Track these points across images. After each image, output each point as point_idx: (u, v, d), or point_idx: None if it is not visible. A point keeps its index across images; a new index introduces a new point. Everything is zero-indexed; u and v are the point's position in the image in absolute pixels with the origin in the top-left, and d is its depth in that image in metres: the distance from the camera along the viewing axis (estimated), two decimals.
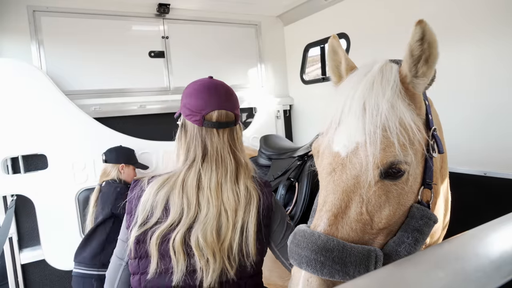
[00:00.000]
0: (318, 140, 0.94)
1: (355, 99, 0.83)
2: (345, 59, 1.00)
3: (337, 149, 0.84)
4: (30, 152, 2.42)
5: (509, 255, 0.52)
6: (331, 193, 0.81)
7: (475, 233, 0.62)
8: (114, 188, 2.36)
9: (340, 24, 3.00)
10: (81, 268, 2.26)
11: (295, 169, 1.71)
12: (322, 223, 0.79)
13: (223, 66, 3.50)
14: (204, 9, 3.30)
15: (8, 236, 2.34)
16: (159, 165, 2.90)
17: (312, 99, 3.57)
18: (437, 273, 0.48)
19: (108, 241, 2.30)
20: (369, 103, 0.81)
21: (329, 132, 0.87)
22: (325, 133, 0.89)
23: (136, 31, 3.07)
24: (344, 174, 0.81)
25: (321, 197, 0.85)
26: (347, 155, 0.82)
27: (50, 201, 2.45)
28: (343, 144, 0.83)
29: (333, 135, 0.86)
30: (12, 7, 2.56)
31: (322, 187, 0.87)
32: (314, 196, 1.54)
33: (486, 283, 0.46)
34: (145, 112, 3.04)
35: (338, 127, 0.85)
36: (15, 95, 2.33)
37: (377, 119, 0.79)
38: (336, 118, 0.86)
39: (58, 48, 2.73)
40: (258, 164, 2.14)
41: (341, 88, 0.92)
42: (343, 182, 0.81)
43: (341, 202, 0.79)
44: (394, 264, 0.55)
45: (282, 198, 1.64)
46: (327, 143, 0.87)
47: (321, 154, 0.90)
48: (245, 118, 3.67)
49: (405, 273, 0.51)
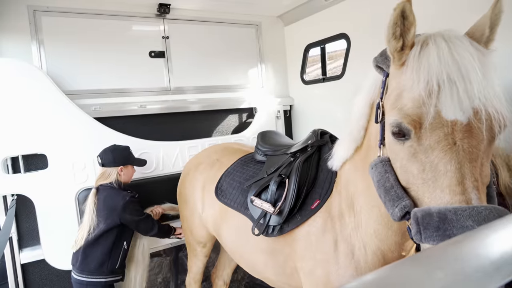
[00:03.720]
0: (411, 112, 0.88)
1: (457, 64, 0.84)
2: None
3: (453, 117, 0.84)
4: (30, 152, 2.42)
5: (510, 256, 0.52)
6: (467, 162, 0.83)
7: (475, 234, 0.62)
8: (122, 197, 2.31)
9: (340, 24, 3.00)
10: (84, 276, 2.25)
11: (286, 166, 1.72)
12: (475, 196, 0.82)
13: (223, 66, 3.51)
14: (205, 9, 3.30)
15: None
16: (159, 165, 2.90)
17: (312, 99, 3.57)
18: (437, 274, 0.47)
19: (114, 247, 2.30)
20: (474, 67, 0.83)
21: (432, 102, 0.84)
22: (422, 102, 0.86)
23: (136, 31, 3.08)
24: (473, 141, 0.83)
25: (450, 169, 0.84)
26: (468, 122, 0.83)
27: (50, 201, 2.44)
28: (462, 111, 0.83)
29: (445, 101, 0.83)
30: (12, 7, 2.56)
31: (442, 159, 0.85)
32: (301, 191, 1.55)
33: (487, 283, 0.46)
34: (145, 112, 3.04)
35: (447, 90, 0.83)
36: (16, 95, 2.33)
37: (491, 81, 0.83)
38: (436, 85, 0.84)
39: (58, 48, 2.73)
40: (255, 160, 2.13)
41: (425, 55, 0.89)
42: (475, 149, 0.83)
43: (477, 169, 0.83)
44: (394, 264, 0.55)
45: (272, 195, 1.65)
46: (434, 113, 0.84)
47: (430, 126, 0.86)
48: (245, 118, 3.67)
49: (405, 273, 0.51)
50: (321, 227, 1.46)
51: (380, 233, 1.26)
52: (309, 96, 3.62)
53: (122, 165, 2.42)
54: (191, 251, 2.56)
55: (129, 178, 2.52)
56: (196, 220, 2.34)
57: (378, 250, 1.29)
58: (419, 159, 0.89)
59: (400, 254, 1.29)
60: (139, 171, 2.80)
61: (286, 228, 1.56)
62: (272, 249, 1.67)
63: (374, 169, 1.04)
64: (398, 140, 0.94)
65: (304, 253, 1.51)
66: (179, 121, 3.27)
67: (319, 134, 1.76)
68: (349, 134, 1.36)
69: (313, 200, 1.53)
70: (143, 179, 2.85)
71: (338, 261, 1.38)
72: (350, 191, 1.39)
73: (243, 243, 1.87)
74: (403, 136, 0.92)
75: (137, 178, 2.81)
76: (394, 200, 0.94)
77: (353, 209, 1.37)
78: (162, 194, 2.92)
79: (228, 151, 2.42)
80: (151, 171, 2.87)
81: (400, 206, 0.92)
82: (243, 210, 1.83)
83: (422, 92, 0.86)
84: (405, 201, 0.92)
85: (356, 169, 1.36)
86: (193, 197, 2.35)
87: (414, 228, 0.86)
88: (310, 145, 1.73)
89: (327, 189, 1.51)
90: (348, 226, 1.38)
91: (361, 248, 1.33)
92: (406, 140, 0.91)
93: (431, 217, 0.82)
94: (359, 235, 1.34)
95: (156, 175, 2.90)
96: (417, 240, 0.86)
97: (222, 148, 2.51)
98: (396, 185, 0.95)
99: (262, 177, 1.81)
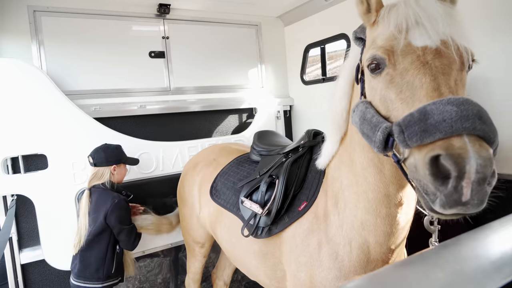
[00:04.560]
0: (384, 44, 0.99)
1: (424, 10, 0.94)
2: None
3: (423, 43, 0.93)
4: (30, 152, 2.42)
5: (509, 256, 0.52)
6: (440, 74, 0.89)
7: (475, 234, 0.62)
8: (112, 198, 2.22)
9: (340, 25, 3.00)
10: (81, 282, 2.22)
11: (278, 166, 1.69)
12: (449, 92, 0.87)
13: (223, 66, 3.51)
14: (205, 9, 3.30)
15: None
16: (159, 165, 2.90)
17: (312, 99, 3.57)
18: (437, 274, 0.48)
19: (108, 252, 2.25)
20: (439, 12, 0.93)
21: (402, 35, 0.94)
22: (393, 37, 0.97)
23: (136, 31, 3.08)
24: (444, 60, 0.91)
25: (425, 81, 0.89)
26: (437, 47, 0.92)
27: (50, 201, 2.44)
28: (430, 39, 0.92)
29: (414, 35, 0.94)
30: (13, 7, 2.57)
31: (417, 76, 0.91)
32: (288, 192, 1.54)
33: (486, 283, 0.46)
34: (145, 112, 3.04)
35: (415, 28, 0.94)
36: (16, 95, 2.33)
37: (458, 23, 0.95)
38: (405, 24, 0.95)
39: (58, 48, 2.73)
40: (250, 160, 2.11)
41: (393, 9, 1.01)
42: (447, 67, 0.91)
43: (451, 82, 0.90)
44: (394, 264, 0.55)
45: (262, 195, 1.62)
46: (405, 42, 0.94)
47: (401, 52, 0.95)
48: (245, 118, 3.67)
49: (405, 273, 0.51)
50: (307, 228, 1.44)
51: (369, 223, 1.24)
52: (309, 96, 3.62)
53: (115, 164, 2.35)
54: (189, 251, 2.56)
55: (121, 177, 2.44)
56: (194, 220, 2.34)
57: (364, 244, 1.26)
58: (396, 82, 0.95)
59: (389, 248, 1.26)
60: (139, 171, 2.80)
61: (274, 230, 1.55)
62: (263, 252, 1.65)
63: (356, 110, 1.07)
64: (375, 74, 1.01)
65: (290, 255, 1.49)
66: (179, 121, 3.27)
67: (312, 134, 1.74)
68: (331, 123, 1.35)
69: (301, 201, 1.51)
70: (143, 179, 2.85)
71: (321, 263, 1.36)
72: (335, 188, 1.37)
73: (236, 244, 1.85)
74: (378, 68, 1.00)
75: (137, 178, 2.81)
76: (375, 126, 0.96)
77: (337, 207, 1.35)
78: (162, 194, 2.92)
79: (225, 151, 2.41)
80: (151, 171, 2.87)
81: (381, 129, 0.94)
82: (235, 211, 1.82)
83: (393, 30, 0.97)
84: (385, 123, 0.94)
85: (341, 163, 1.35)
86: (191, 197, 2.35)
87: (396, 132, 0.87)
88: (301, 146, 1.71)
89: (314, 190, 1.50)
90: (333, 225, 1.35)
91: (346, 245, 1.30)
92: (382, 71, 0.99)
93: (412, 116, 0.84)
94: (344, 231, 1.31)
95: (156, 175, 2.89)
96: (401, 142, 0.86)
97: (220, 148, 2.51)
98: (376, 115, 0.99)
99: (254, 178, 1.79)
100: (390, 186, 1.17)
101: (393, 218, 1.21)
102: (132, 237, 2.30)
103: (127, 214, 2.31)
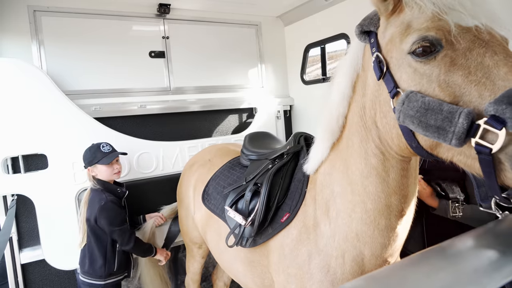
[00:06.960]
0: (432, 25, 0.87)
1: None
2: None
3: (473, 23, 0.84)
4: (30, 152, 2.42)
5: (509, 257, 0.52)
6: (506, 51, 0.83)
7: (475, 235, 0.62)
8: (99, 200, 2.23)
9: (340, 24, 3.00)
10: (86, 278, 2.27)
11: (264, 173, 1.59)
12: None
13: (223, 66, 3.51)
14: (205, 9, 3.30)
15: None
16: (159, 165, 2.90)
17: (312, 99, 3.57)
18: (437, 273, 0.48)
19: (108, 250, 2.27)
20: None
21: (450, 14, 0.85)
22: (437, 18, 0.86)
23: (136, 31, 3.08)
24: (498, 40, 0.84)
25: (499, 58, 0.81)
26: (486, 28, 0.85)
27: (50, 201, 2.44)
28: (480, 20, 0.85)
29: (460, 15, 0.85)
30: (13, 7, 2.57)
31: (485, 54, 0.83)
32: (271, 204, 1.45)
33: (486, 283, 0.46)
34: (145, 112, 3.04)
35: (459, 8, 0.85)
36: (16, 95, 2.33)
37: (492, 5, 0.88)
38: (444, 9, 0.85)
39: (58, 48, 2.73)
40: (240, 164, 2.03)
41: None
42: (505, 48, 0.84)
43: None
44: (394, 264, 0.55)
45: (246, 205, 1.53)
46: (455, 23, 0.85)
47: (457, 30, 0.85)
48: (245, 118, 3.67)
49: (405, 273, 0.51)
50: (296, 238, 1.36)
51: (365, 235, 1.16)
52: (309, 96, 3.62)
53: (89, 166, 2.30)
54: (188, 252, 2.56)
55: (107, 175, 2.35)
56: (190, 221, 2.32)
57: (359, 256, 1.19)
58: (460, 64, 0.84)
59: (385, 260, 1.19)
60: (139, 171, 2.80)
61: (259, 240, 1.49)
62: (249, 260, 1.61)
63: (407, 103, 0.89)
64: (424, 59, 0.88)
65: (278, 266, 1.43)
66: (179, 121, 3.27)
67: (299, 138, 1.65)
68: (324, 129, 1.26)
69: (284, 212, 1.44)
70: (143, 179, 2.85)
71: (312, 276, 1.27)
72: (325, 195, 1.29)
73: (224, 250, 1.81)
74: (430, 52, 0.86)
75: (137, 178, 2.81)
76: (451, 114, 0.80)
77: (328, 215, 1.27)
78: (162, 194, 2.92)
79: (222, 152, 2.37)
80: (151, 171, 2.87)
81: (463, 114, 0.77)
82: (224, 217, 1.75)
83: (435, 9, 0.86)
84: (464, 108, 0.78)
85: (332, 169, 1.26)
86: (187, 198, 2.33)
87: (500, 112, 0.72)
88: (285, 153, 1.62)
89: (297, 201, 1.42)
90: (324, 235, 1.27)
91: (339, 258, 1.22)
92: (436, 53, 0.86)
93: None
94: (336, 242, 1.23)
95: (156, 175, 2.89)
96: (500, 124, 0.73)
97: (217, 149, 2.48)
98: (443, 102, 0.83)
99: (240, 184, 1.71)
100: (392, 196, 1.10)
101: (392, 230, 1.14)
102: (126, 237, 2.26)
103: (116, 215, 2.25)
